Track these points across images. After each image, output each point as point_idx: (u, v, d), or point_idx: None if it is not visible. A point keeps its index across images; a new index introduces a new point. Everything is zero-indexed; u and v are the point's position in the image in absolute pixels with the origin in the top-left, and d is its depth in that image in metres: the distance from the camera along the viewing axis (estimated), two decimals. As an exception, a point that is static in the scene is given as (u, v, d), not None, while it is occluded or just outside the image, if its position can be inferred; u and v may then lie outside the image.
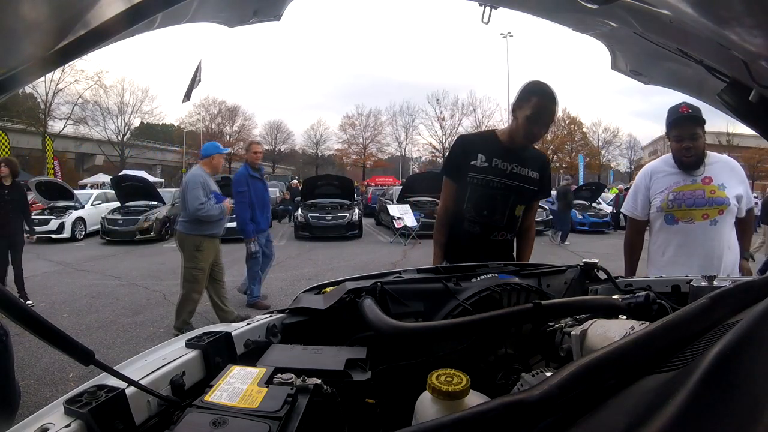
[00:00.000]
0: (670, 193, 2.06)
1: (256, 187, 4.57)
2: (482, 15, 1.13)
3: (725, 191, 1.98)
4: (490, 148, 1.88)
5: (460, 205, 1.91)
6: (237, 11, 1.02)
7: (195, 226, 3.74)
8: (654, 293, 0.84)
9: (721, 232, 2.00)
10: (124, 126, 34.80)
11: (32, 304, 4.80)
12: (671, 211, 2.06)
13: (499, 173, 1.86)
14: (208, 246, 3.81)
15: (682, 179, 2.05)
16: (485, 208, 1.88)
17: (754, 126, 0.89)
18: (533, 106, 1.76)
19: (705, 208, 1.99)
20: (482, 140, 1.94)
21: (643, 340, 0.49)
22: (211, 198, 3.78)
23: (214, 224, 3.84)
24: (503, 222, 1.90)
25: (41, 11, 0.55)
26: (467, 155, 1.88)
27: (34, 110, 28.03)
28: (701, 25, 0.62)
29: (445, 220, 1.98)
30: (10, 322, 1.21)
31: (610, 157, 41.56)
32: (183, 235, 3.80)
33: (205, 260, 3.80)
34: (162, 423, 0.62)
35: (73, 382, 2.95)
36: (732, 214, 2.01)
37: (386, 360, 0.85)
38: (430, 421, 0.44)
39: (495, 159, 1.86)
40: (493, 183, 1.86)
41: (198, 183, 3.72)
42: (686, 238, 2.04)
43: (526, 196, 1.94)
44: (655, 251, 2.15)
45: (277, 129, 42.70)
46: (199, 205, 3.65)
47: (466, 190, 1.89)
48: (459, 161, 1.91)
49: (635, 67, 1.19)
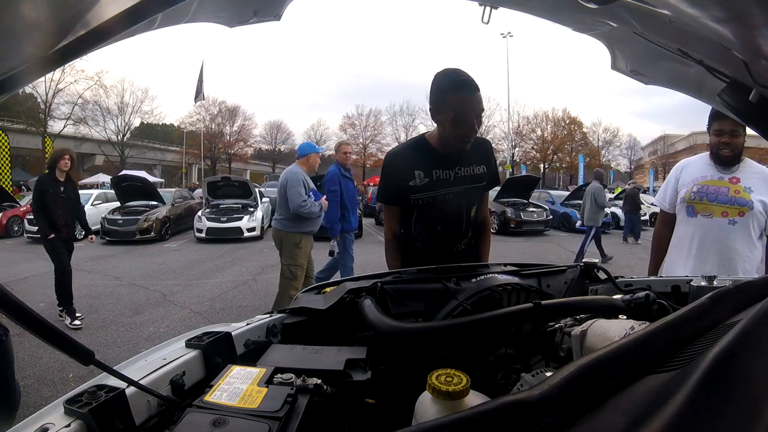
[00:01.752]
0: (695, 185, 2.05)
1: (347, 186, 4.64)
2: (482, 15, 1.13)
3: (750, 194, 1.94)
4: (426, 160, 1.62)
5: (408, 228, 1.70)
6: (237, 11, 1.02)
7: (294, 223, 3.83)
8: (654, 293, 0.84)
9: (740, 234, 1.95)
10: (124, 126, 34.82)
11: (81, 316, 4.35)
12: (692, 203, 2.05)
13: (443, 184, 1.62)
14: (305, 243, 3.90)
15: (710, 174, 2.03)
16: (438, 225, 1.68)
17: (754, 126, 0.89)
18: (454, 106, 1.49)
19: (726, 206, 1.97)
20: (414, 153, 1.66)
21: (643, 340, 0.49)
22: (311, 196, 3.87)
23: (312, 221, 3.91)
24: (462, 232, 1.72)
25: (41, 11, 0.55)
26: (402, 176, 1.62)
27: (34, 110, 28.03)
28: (701, 25, 0.62)
29: (395, 244, 1.74)
30: (10, 322, 1.21)
31: (610, 157, 41.60)
32: (281, 233, 3.87)
33: (304, 257, 3.90)
34: (162, 423, 0.62)
35: (73, 382, 2.95)
36: (757, 222, 1.95)
37: (386, 360, 0.85)
38: (430, 421, 0.44)
39: (434, 170, 1.61)
40: (439, 197, 1.63)
41: (299, 180, 3.79)
42: (703, 232, 2.01)
43: (477, 193, 1.73)
44: (675, 244, 2.14)
45: (277, 129, 42.78)
46: (302, 202, 3.71)
47: (412, 212, 1.67)
48: (395, 184, 1.65)
49: (635, 67, 1.19)
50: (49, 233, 4.17)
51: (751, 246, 1.97)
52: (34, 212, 4.44)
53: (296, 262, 3.84)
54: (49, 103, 28.29)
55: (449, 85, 1.50)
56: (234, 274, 6.85)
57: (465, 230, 1.73)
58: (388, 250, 1.78)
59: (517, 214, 11.99)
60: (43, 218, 4.17)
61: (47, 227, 4.17)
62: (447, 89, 1.51)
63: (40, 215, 4.18)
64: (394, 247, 1.76)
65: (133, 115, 35.39)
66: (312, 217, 3.85)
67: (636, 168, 41.82)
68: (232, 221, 10.72)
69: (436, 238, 1.70)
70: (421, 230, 1.69)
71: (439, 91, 1.53)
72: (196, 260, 8.04)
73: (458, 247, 1.74)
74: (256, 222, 11.02)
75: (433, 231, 1.69)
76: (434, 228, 1.69)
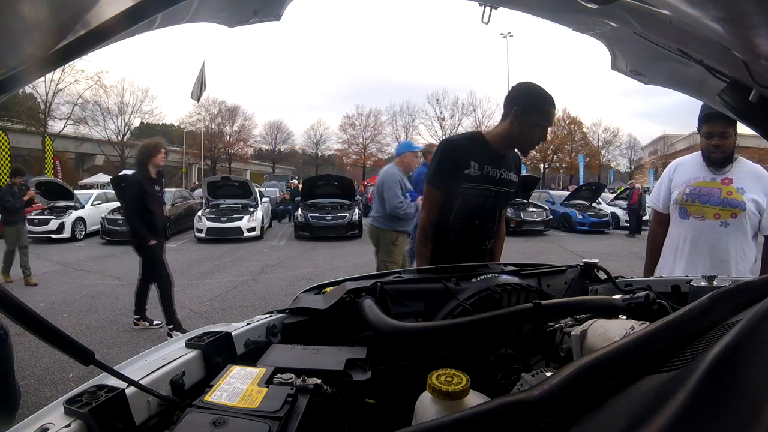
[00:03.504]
0: (687, 187, 2.05)
1: None
2: (482, 15, 1.13)
3: (743, 195, 1.94)
4: (482, 154, 1.73)
5: (447, 216, 1.75)
6: (237, 11, 1.02)
7: (391, 222, 3.92)
8: (654, 293, 0.84)
9: (732, 236, 1.95)
10: (124, 126, 34.79)
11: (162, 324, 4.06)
12: (685, 205, 2.05)
13: (490, 181, 1.73)
14: (402, 241, 3.99)
15: (702, 175, 2.03)
16: (477, 218, 1.75)
17: (754, 126, 0.89)
18: (547, 116, 1.66)
19: (718, 207, 1.97)
20: (473, 145, 1.76)
21: (643, 340, 0.49)
22: (407, 196, 3.95)
23: (407, 221, 3.97)
24: (493, 230, 1.82)
25: (41, 11, 0.55)
26: (459, 163, 1.71)
27: (34, 110, 28.02)
28: (701, 25, 0.62)
29: (430, 231, 1.79)
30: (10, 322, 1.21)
31: (610, 157, 41.55)
32: (378, 230, 3.99)
33: (399, 254, 4.00)
34: (162, 423, 0.62)
35: (73, 382, 2.95)
36: (749, 222, 1.95)
37: (386, 360, 0.85)
38: (430, 421, 0.44)
39: (487, 166, 1.72)
40: (484, 191, 1.73)
41: (396, 181, 3.86)
42: (695, 234, 2.01)
43: (509, 198, 1.86)
44: (669, 244, 2.14)
45: (277, 129, 42.71)
46: (399, 204, 3.79)
47: (456, 200, 1.73)
48: (450, 170, 1.72)
49: (635, 67, 1.19)
50: (149, 239, 3.77)
51: (743, 247, 1.97)
52: (129, 217, 3.93)
53: (392, 259, 3.94)
54: (49, 103, 28.30)
55: (548, 98, 1.67)
56: (234, 274, 6.85)
57: (495, 229, 1.83)
58: (420, 238, 1.82)
59: (517, 214, 11.99)
60: (142, 223, 3.73)
61: (147, 233, 3.75)
62: (546, 101, 1.66)
63: (138, 220, 3.73)
64: (427, 236, 1.81)
65: (133, 115, 35.39)
66: (408, 218, 3.93)
67: (636, 168, 41.79)
68: (232, 221, 10.73)
69: (471, 231, 1.77)
70: (459, 220, 1.75)
71: (537, 98, 1.67)
72: (196, 260, 8.03)
73: (486, 244, 1.82)
74: (256, 222, 11.02)
75: (471, 224, 1.76)
76: (473, 221, 1.76)
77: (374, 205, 4.09)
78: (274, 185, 22.09)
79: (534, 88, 1.70)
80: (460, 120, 37.66)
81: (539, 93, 1.68)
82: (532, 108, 1.66)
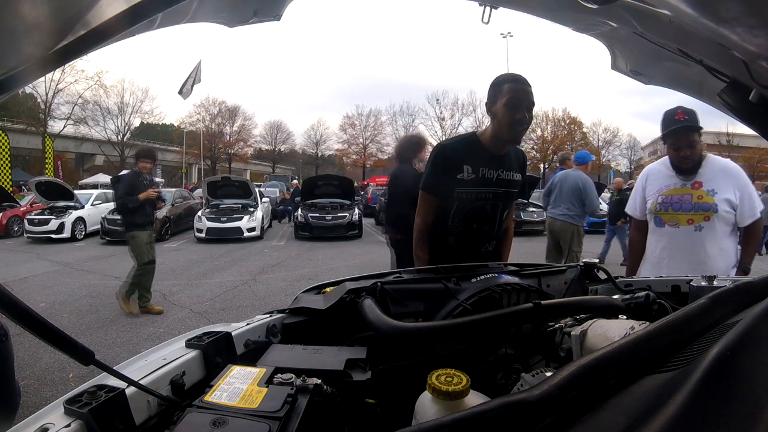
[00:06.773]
0: (660, 196, 2.09)
1: None
2: (482, 15, 1.13)
3: (714, 197, 1.97)
4: (475, 156, 1.70)
5: (444, 220, 1.74)
6: (237, 11, 1.02)
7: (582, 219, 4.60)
8: (654, 293, 0.84)
9: (707, 238, 1.98)
10: (124, 126, 34.80)
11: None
12: (659, 214, 2.10)
13: (486, 183, 1.70)
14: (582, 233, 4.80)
15: (673, 183, 2.06)
16: (474, 221, 1.73)
17: (754, 126, 0.89)
18: (509, 91, 1.61)
19: (690, 213, 2.01)
20: (465, 147, 1.73)
21: (643, 340, 0.49)
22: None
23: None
24: (494, 232, 1.79)
25: (41, 11, 0.55)
26: (451, 168, 1.69)
27: (34, 110, 28.04)
28: (701, 25, 0.62)
29: (426, 235, 1.78)
30: (10, 322, 1.21)
31: (610, 157, 41.53)
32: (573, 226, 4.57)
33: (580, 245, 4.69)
34: (162, 423, 0.62)
35: (73, 382, 2.95)
36: (724, 221, 1.97)
37: (386, 360, 0.85)
38: (430, 421, 0.44)
39: (482, 168, 1.69)
40: (481, 194, 1.71)
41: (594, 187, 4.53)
42: (671, 242, 2.06)
43: (511, 198, 1.83)
44: (649, 251, 2.20)
45: (277, 129, 42.69)
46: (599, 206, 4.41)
47: (452, 205, 1.71)
48: (442, 175, 1.71)
49: (635, 67, 1.19)
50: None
51: (720, 245, 2.00)
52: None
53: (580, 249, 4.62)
54: (49, 103, 28.31)
55: (506, 77, 1.66)
56: (234, 274, 6.85)
57: (496, 231, 1.81)
58: (417, 241, 1.80)
59: (517, 214, 11.98)
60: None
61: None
62: (503, 81, 1.64)
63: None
64: (424, 239, 1.80)
65: (133, 115, 35.42)
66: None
67: (636, 168, 41.75)
68: (232, 221, 10.72)
69: (470, 234, 1.75)
70: (457, 224, 1.74)
71: (495, 84, 1.66)
72: (196, 260, 8.04)
73: (487, 246, 1.81)
74: (256, 222, 11.02)
75: (469, 227, 1.74)
76: (470, 224, 1.74)
77: (565, 203, 4.61)
78: (274, 185, 22.07)
79: (497, 78, 1.68)
80: (460, 120, 37.66)
81: (499, 77, 1.67)
82: (495, 93, 1.66)
